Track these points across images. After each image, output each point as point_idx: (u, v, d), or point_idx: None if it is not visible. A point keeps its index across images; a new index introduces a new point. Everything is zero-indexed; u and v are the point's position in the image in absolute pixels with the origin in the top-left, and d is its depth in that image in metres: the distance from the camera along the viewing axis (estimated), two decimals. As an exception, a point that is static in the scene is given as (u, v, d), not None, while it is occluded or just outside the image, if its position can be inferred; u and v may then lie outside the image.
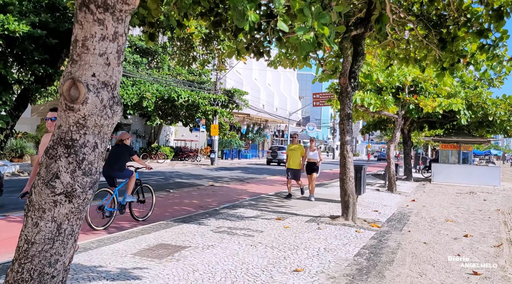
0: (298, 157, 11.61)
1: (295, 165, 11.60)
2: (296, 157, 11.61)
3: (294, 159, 11.61)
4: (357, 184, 10.64)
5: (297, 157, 11.60)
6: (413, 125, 22.08)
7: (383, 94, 15.28)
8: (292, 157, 11.64)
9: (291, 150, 11.75)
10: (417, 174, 27.06)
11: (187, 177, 18.32)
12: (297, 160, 11.59)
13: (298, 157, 11.61)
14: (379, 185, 17.67)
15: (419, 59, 10.54)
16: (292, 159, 11.63)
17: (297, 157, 11.60)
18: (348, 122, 8.55)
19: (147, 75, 26.86)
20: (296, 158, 11.60)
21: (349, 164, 8.37)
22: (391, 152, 15.42)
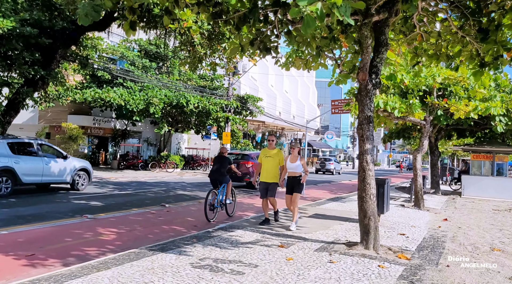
0: (275, 167, 8.54)
1: (271, 178, 8.54)
2: (272, 167, 8.51)
3: (270, 169, 8.51)
4: (380, 202, 8.99)
5: (274, 167, 8.53)
6: (441, 133, 20.22)
7: (408, 98, 13.60)
8: (267, 167, 8.52)
9: (266, 157, 8.57)
10: (443, 186, 25.02)
11: (192, 188, 16.88)
12: (273, 170, 8.53)
13: (275, 167, 8.54)
14: (404, 199, 15.87)
15: (452, 55, 8.90)
16: (267, 169, 8.52)
17: (274, 166, 8.52)
18: (368, 126, 6.96)
19: (156, 81, 25.70)
20: (273, 168, 8.52)
21: (369, 178, 6.76)
22: (418, 162, 13.66)
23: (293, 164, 8.27)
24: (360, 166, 6.89)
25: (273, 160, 8.54)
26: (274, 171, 8.53)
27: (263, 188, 8.65)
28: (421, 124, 13.70)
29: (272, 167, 8.51)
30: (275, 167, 8.53)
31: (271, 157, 8.55)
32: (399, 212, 11.95)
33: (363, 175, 6.80)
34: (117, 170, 25.34)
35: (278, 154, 8.62)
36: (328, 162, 38.66)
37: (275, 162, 8.54)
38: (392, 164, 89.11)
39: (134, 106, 21.87)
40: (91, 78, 25.28)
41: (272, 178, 8.53)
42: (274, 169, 8.52)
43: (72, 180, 13.95)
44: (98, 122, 27.57)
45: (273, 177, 8.54)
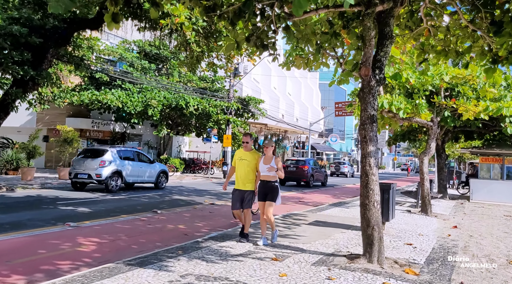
0: (252, 172, 7.06)
1: (246, 185, 7.03)
2: (248, 172, 7.03)
3: (245, 174, 7.03)
4: (385, 209, 8.34)
5: (250, 172, 7.04)
6: (448, 135, 19.52)
7: (414, 98, 12.95)
8: (241, 172, 7.06)
9: (240, 161, 7.09)
10: (450, 189, 24.25)
11: (189, 192, 16.26)
12: (249, 176, 7.04)
13: (251, 172, 7.05)
14: (410, 204, 15.18)
15: (461, 51, 8.26)
16: (241, 175, 7.05)
17: (250, 171, 7.04)
18: (371, 127, 6.33)
19: (156, 82, 25.16)
20: (249, 174, 7.03)
21: (373, 183, 6.12)
22: (425, 166, 12.99)
23: (267, 166, 6.84)
24: (362, 170, 6.26)
25: (249, 164, 7.03)
26: (251, 176, 7.05)
27: (236, 197, 7.10)
28: (428, 126, 13.04)
29: (248, 171, 7.02)
30: (251, 172, 7.05)
31: (247, 160, 7.04)
32: (405, 218, 11.27)
33: (366, 180, 6.17)
34: (115, 174, 24.78)
35: (255, 156, 7.10)
36: (342, 165, 42.07)
37: (251, 165, 7.04)
38: (397, 167, 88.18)
39: (132, 109, 21.31)
40: (89, 80, 24.80)
41: (248, 185, 7.05)
42: (250, 174, 7.04)
43: (156, 180, 17.36)
44: (97, 125, 27.07)
45: (250, 184, 7.06)
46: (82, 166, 15.30)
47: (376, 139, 6.39)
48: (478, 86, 13.98)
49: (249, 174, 7.03)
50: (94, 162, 15.27)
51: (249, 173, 7.03)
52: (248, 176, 7.03)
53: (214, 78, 28.82)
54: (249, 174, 7.03)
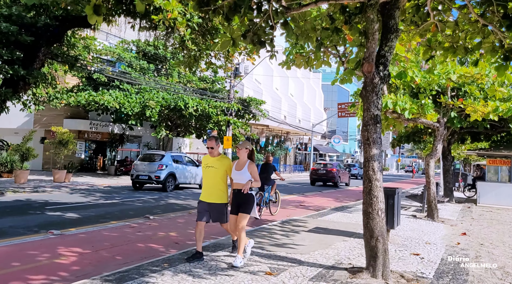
0: (221, 181, 5.88)
1: (215, 196, 5.86)
2: (216, 182, 5.86)
3: (213, 184, 5.87)
4: (389, 215, 7.80)
5: (219, 182, 5.86)
6: (454, 136, 18.95)
7: (420, 98, 12.40)
8: (208, 181, 5.92)
9: (207, 168, 5.89)
10: (456, 192, 23.63)
11: (186, 196, 15.75)
12: (218, 186, 5.86)
13: (220, 182, 5.87)
14: (415, 208, 14.62)
15: (470, 48, 7.72)
16: (208, 184, 5.92)
17: (218, 180, 5.86)
18: (374, 128, 5.80)
19: (154, 83, 24.68)
20: (217, 183, 5.86)
21: (376, 189, 5.59)
22: (431, 168, 12.41)
23: (240, 172, 5.75)
24: (365, 175, 5.72)
25: (217, 172, 5.83)
26: (220, 186, 5.85)
27: (201, 208, 5.94)
28: (434, 127, 12.48)
29: (216, 181, 5.83)
30: (220, 182, 5.85)
31: (214, 167, 5.82)
32: (410, 224, 10.72)
33: (369, 186, 5.63)
34: (113, 176, 24.33)
35: (223, 162, 5.88)
36: (352, 167, 43.58)
37: (219, 173, 5.84)
38: (401, 169, 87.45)
39: (129, 110, 20.82)
40: (87, 81, 24.36)
41: (217, 197, 5.85)
42: (219, 183, 5.84)
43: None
44: (95, 127, 26.62)
45: (219, 195, 5.86)
46: (143, 168, 17.43)
47: (380, 141, 5.87)
48: (485, 86, 13.42)
49: (218, 183, 5.84)
50: (153, 165, 17.45)
51: (218, 183, 5.84)
52: (217, 186, 5.84)
53: (214, 78, 28.32)
54: (218, 183, 5.84)
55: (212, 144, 5.93)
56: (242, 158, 5.91)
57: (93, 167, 27.90)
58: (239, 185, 5.78)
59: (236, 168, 5.85)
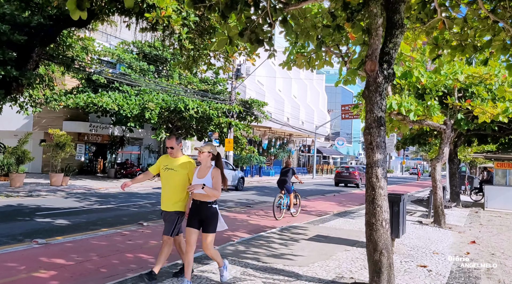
0: (181, 187, 5.04)
1: (172, 203, 5.07)
2: (175, 187, 5.06)
3: (171, 190, 5.07)
4: (394, 224, 7.35)
5: (178, 187, 5.05)
6: (460, 139, 18.45)
7: (426, 99, 11.94)
8: (167, 186, 5.10)
9: (166, 170, 5.10)
10: (462, 196, 23.08)
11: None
12: (177, 192, 5.05)
13: (179, 187, 5.04)
14: (421, 213, 14.12)
15: (480, 46, 7.29)
16: (165, 190, 5.13)
17: (178, 186, 5.05)
18: (378, 131, 5.37)
19: (155, 84, 24.30)
20: (176, 189, 5.05)
21: (380, 198, 5.14)
22: (438, 173, 11.92)
23: (202, 180, 4.78)
24: (368, 182, 5.28)
25: (177, 175, 5.03)
26: (178, 192, 5.03)
27: (164, 219, 5.17)
28: (441, 129, 12.01)
29: (175, 186, 5.03)
30: (179, 187, 5.03)
31: (173, 170, 5.04)
32: (416, 231, 10.24)
33: (373, 194, 5.19)
34: (113, 179, 23.95)
35: (186, 165, 5.05)
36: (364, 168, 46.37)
37: (179, 178, 5.03)
38: (405, 171, 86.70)
39: (128, 112, 20.42)
40: (87, 83, 24.03)
41: (174, 204, 5.04)
42: (177, 189, 5.03)
43: (237, 183, 21.91)
44: (95, 129, 26.27)
45: (176, 202, 5.04)
46: None
47: (385, 145, 5.42)
48: (494, 87, 12.94)
49: (177, 189, 5.02)
50: None
51: (177, 188, 5.01)
52: (176, 192, 5.02)
53: (215, 80, 27.91)
54: (177, 189, 5.02)
55: (171, 143, 5.09)
56: (205, 164, 4.86)
57: (93, 170, 27.55)
58: (200, 195, 4.77)
59: (198, 175, 4.84)
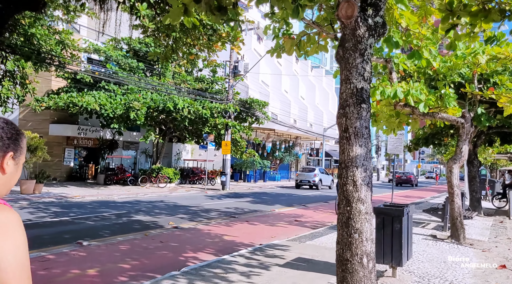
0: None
1: None
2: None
3: None
4: (395, 246, 5.34)
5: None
6: (481, 138, 16.25)
7: (439, 87, 9.89)
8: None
9: None
10: (483, 201, 20.69)
11: (161, 210, 13.41)
12: None
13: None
14: (435, 224, 11.99)
15: (509, 10, 5.33)
16: None
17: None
18: (358, 110, 3.42)
19: (145, 83, 22.57)
20: None
21: (359, 219, 3.18)
22: (455, 176, 9.80)
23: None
24: (342, 192, 3.30)
25: None
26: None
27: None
28: (458, 124, 9.90)
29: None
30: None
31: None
32: (429, 249, 8.16)
33: (347, 212, 3.22)
34: (101, 186, 22.23)
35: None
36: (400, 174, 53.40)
37: None
38: (421, 175, 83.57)
39: (111, 111, 18.67)
40: (73, 83, 22.43)
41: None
42: None
43: (330, 184, 29.62)
44: (84, 132, 24.60)
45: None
46: (304, 176, 28.86)
47: (368, 134, 3.43)
48: (521, 73, 10.85)
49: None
50: (310, 174, 29.04)
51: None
52: None
53: (213, 78, 26.07)
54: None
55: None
56: None
57: (83, 176, 25.90)
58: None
59: None
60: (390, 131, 11.51)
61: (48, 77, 23.51)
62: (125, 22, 11.72)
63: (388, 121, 11.12)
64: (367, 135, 3.39)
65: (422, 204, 19.64)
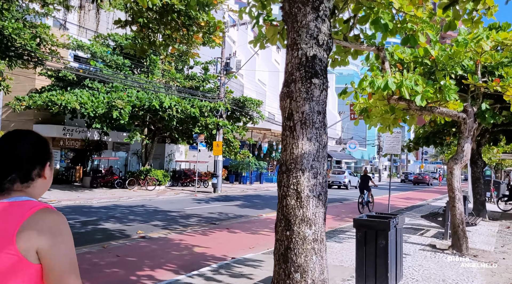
0: None
1: None
2: None
3: None
4: (379, 267, 4.25)
5: None
6: (485, 136, 15.15)
7: (439, 77, 8.80)
8: None
9: None
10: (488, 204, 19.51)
11: (137, 216, 12.35)
12: None
13: None
14: (435, 231, 10.87)
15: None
16: None
17: None
18: (307, 87, 2.32)
19: (131, 81, 21.53)
20: None
21: (303, 247, 2.09)
22: (456, 178, 8.68)
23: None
24: (281, 208, 2.22)
25: None
26: None
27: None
28: (459, 119, 8.81)
29: None
30: None
31: None
32: (426, 263, 7.06)
33: (286, 238, 2.16)
34: (86, 189, 21.21)
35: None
36: (410, 174, 55.20)
37: None
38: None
39: (91, 110, 17.62)
40: (57, 81, 21.43)
41: None
42: None
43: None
44: (70, 133, 23.58)
45: None
46: (335, 177, 32.09)
47: (322, 123, 2.35)
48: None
49: None
50: (340, 176, 32.55)
51: None
52: None
53: (204, 76, 24.98)
54: None
55: None
56: None
57: (70, 179, 24.87)
58: None
59: None
60: (385, 128, 10.41)
61: (31, 76, 22.55)
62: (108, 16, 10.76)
63: (383, 117, 10.03)
64: (321, 125, 2.32)
65: (423, 207, 18.51)
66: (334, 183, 32.08)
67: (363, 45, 7.05)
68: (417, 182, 47.12)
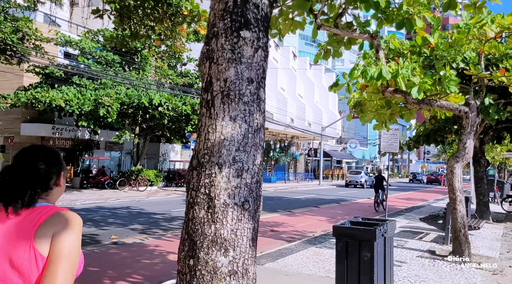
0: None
1: None
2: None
3: None
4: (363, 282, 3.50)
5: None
6: (488, 134, 14.37)
7: (438, 67, 8.03)
8: None
9: None
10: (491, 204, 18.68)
11: (117, 218, 11.62)
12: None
13: None
14: (435, 234, 10.11)
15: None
16: None
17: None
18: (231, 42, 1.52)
19: (121, 77, 20.81)
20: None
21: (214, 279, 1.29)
22: (456, 177, 7.91)
23: None
24: (186, 221, 1.44)
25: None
26: None
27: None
28: (461, 113, 8.04)
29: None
30: None
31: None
32: (424, 273, 6.31)
33: (190, 270, 1.37)
34: (75, 190, 20.53)
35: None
36: (418, 174, 59.21)
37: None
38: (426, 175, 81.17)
39: (76, 108, 16.90)
40: (45, 78, 20.74)
41: None
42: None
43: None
44: (59, 132, 22.87)
45: None
46: (352, 177, 34.85)
47: (254, 96, 1.57)
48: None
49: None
50: (357, 175, 35.22)
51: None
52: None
53: (198, 73, 24.28)
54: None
55: None
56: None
57: (59, 179, 24.17)
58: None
59: None
60: (381, 125, 9.64)
61: (19, 73, 21.88)
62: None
63: (378, 112, 9.25)
64: (253, 98, 1.58)
65: (424, 208, 17.74)
66: (351, 182, 35.08)
67: (355, 32, 6.29)
68: (430, 181, 50.03)
